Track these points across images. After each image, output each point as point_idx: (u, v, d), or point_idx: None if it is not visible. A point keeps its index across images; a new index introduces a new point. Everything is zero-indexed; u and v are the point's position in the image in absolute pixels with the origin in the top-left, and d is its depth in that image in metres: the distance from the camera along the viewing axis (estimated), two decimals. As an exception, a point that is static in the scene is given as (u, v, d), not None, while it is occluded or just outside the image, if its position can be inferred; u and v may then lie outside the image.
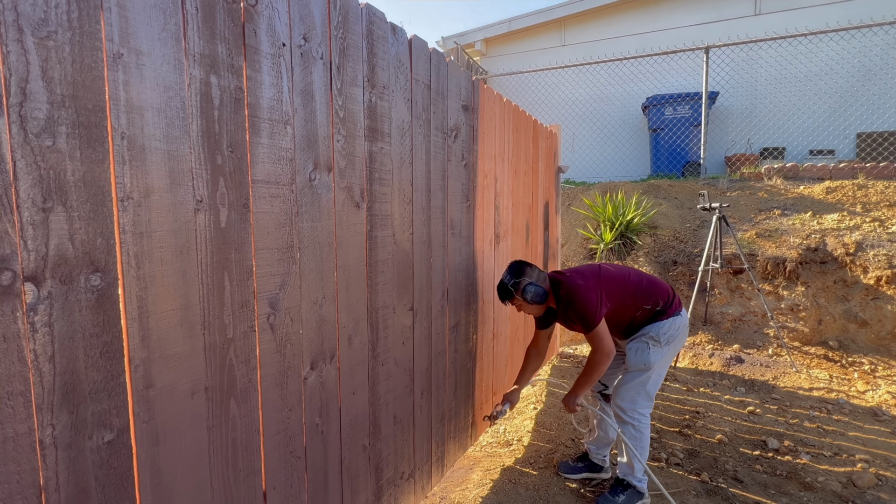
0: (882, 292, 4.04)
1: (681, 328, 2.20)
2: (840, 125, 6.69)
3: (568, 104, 8.18)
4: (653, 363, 2.13)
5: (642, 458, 2.17)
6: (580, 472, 2.43)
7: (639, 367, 2.15)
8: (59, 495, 0.85)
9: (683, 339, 2.24)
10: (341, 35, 1.44)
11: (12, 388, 0.79)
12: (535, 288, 2.14)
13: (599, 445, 2.42)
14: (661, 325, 2.16)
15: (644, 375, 2.15)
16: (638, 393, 2.16)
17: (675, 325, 2.17)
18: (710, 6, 7.50)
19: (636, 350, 2.17)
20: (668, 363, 2.21)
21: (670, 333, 2.16)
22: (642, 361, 2.14)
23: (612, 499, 2.17)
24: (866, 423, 2.93)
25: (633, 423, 2.16)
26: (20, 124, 0.78)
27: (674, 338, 2.17)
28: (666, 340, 2.15)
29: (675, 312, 2.20)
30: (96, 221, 0.88)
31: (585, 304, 2.07)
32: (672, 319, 2.17)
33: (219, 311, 1.11)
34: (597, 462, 2.43)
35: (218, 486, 1.13)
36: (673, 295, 2.24)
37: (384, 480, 1.77)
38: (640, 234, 5.20)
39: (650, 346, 2.14)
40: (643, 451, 2.18)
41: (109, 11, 0.89)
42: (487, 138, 2.49)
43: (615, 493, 2.18)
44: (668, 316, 2.18)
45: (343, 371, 1.52)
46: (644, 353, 2.14)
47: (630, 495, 2.17)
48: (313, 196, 1.37)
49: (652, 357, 2.13)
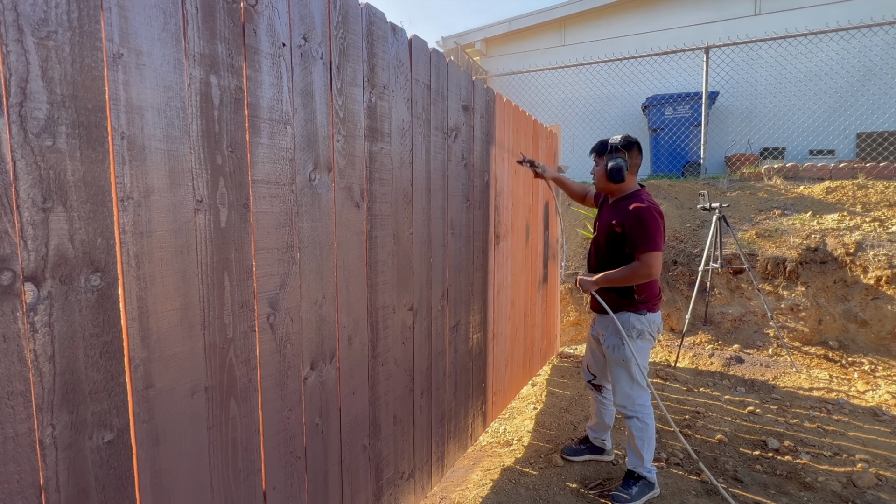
0: (882, 292, 4.04)
1: (654, 325, 2.28)
2: (840, 125, 6.69)
3: (568, 104, 8.18)
4: (630, 358, 2.24)
5: (650, 447, 2.25)
6: (583, 455, 2.56)
7: (618, 363, 2.28)
8: (59, 495, 0.85)
9: (655, 336, 2.32)
10: (341, 35, 1.44)
11: (12, 388, 0.79)
12: (622, 164, 2.21)
13: (598, 430, 2.57)
14: (639, 316, 2.25)
15: (625, 371, 2.26)
16: (629, 386, 2.26)
17: (651, 319, 2.26)
18: (710, 6, 7.50)
19: (613, 348, 2.28)
20: (645, 353, 2.31)
21: (640, 328, 2.24)
22: (620, 357, 2.26)
23: (626, 492, 2.21)
24: (866, 423, 2.93)
25: (636, 415, 2.24)
26: (20, 124, 0.78)
27: (643, 332, 2.26)
28: (638, 333, 2.25)
29: (655, 308, 2.29)
30: (96, 221, 0.88)
31: (655, 227, 2.13)
32: (652, 315, 2.27)
33: (219, 311, 1.11)
34: (597, 445, 2.57)
35: (218, 486, 1.13)
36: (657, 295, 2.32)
37: (384, 480, 1.77)
38: (640, 234, 5.19)
39: (623, 342, 2.24)
40: (650, 441, 2.26)
41: (109, 11, 0.89)
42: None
43: (628, 486, 2.24)
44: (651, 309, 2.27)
45: (343, 371, 1.52)
46: (619, 349, 2.26)
47: (642, 487, 2.23)
48: (313, 196, 1.37)
49: (627, 352, 2.24)
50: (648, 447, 2.24)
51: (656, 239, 2.12)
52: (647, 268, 2.12)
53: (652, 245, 2.11)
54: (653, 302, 2.28)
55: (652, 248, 2.11)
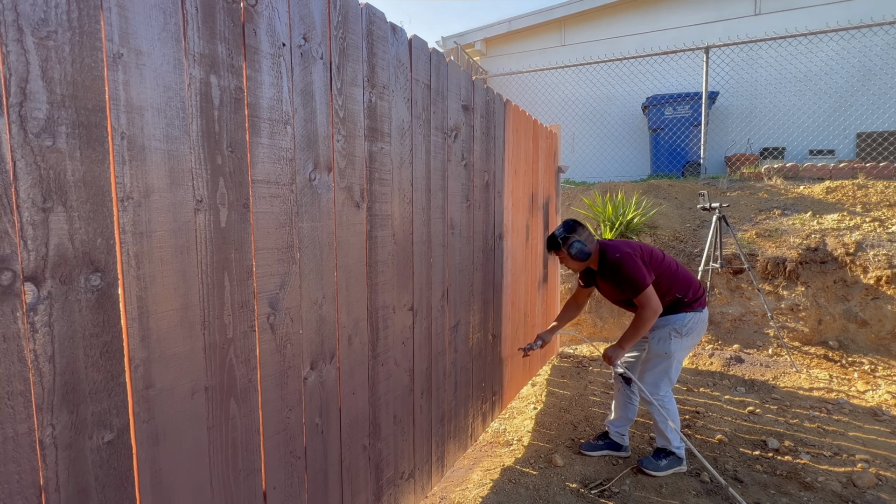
0: (882, 292, 4.04)
1: (700, 322, 2.41)
2: (840, 125, 6.69)
3: (568, 104, 8.18)
4: (673, 352, 2.36)
5: (676, 427, 2.39)
6: (601, 450, 2.62)
7: (660, 355, 2.39)
8: (60, 495, 0.85)
9: (702, 334, 2.46)
10: (341, 35, 1.44)
11: (12, 388, 0.79)
12: (580, 245, 2.40)
13: (619, 424, 2.62)
14: (685, 317, 2.38)
15: (666, 363, 2.38)
16: (661, 378, 2.40)
17: (696, 318, 2.40)
18: (710, 6, 7.50)
19: (659, 339, 2.39)
20: (686, 352, 2.43)
21: (690, 326, 2.38)
22: (664, 350, 2.37)
23: (656, 462, 2.41)
24: (866, 423, 2.93)
25: (660, 402, 2.40)
26: (20, 124, 0.78)
27: (692, 330, 2.39)
28: (686, 332, 2.37)
29: (699, 307, 2.42)
30: (96, 221, 0.88)
31: (634, 269, 2.30)
32: (695, 313, 2.40)
33: (219, 311, 1.11)
34: (616, 440, 2.62)
35: (218, 486, 1.13)
36: (701, 291, 2.47)
37: (384, 480, 1.77)
38: (640, 233, 5.19)
39: (672, 336, 2.37)
40: (675, 421, 2.40)
41: (109, 11, 0.88)
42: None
43: (658, 458, 2.42)
44: (693, 309, 2.40)
45: (343, 371, 1.52)
46: (666, 342, 2.37)
47: (671, 460, 2.41)
48: (313, 196, 1.37)
49: (673, 346, 2.36)
50: (675, 426, 2.39)
51: (640, 279, 2.29)
52: (646, 308, 2.29)
53: (640, 286, 2.29)
54: (701, 299, 2.44)
55: (641, 289, 2.29)
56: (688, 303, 2.40)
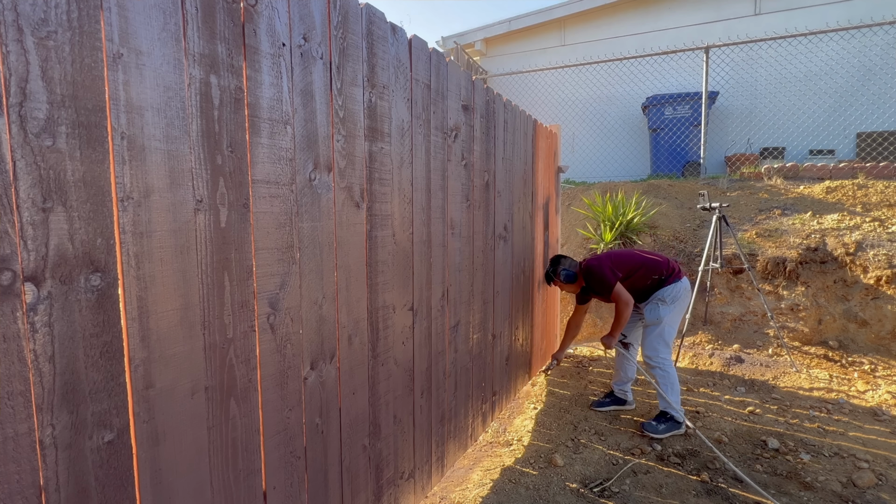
0: (882, 292, 4.04)
1: (681, 290, 2.88)
2: (840, 125, 6.69)
3: (568, 104, 8.18)
4: (663, 317, 2.82)
5: (675, 391, 2.77)
6: (608, 406, 3.10)
7: (653, 322, 2.85)
8: (60, 495, 0.85)
9: (686, 299, 2.92)
10: (341, 35, 1.44)
11: (12, 388, 0.79)
12: (565, 272, 3.06)
13: (620, 382, 3.10)
14: (665, 289, 2.87)
15: (659, 328, 2.83)
16: (657, 342, 2.83)
17: (677, 287, 2.87)
18: (710, 6, 7.50)
19: (650, 310, 2.88)
20: (677, 317, 2.87)
21: (673, 294, 2.85)
22: (655, 317, 2.85)
23: (656, 426, 2.76)
24: (866, 423, 2.93)
25: (659, 366, 2.80)
26: (20, 124, 0.78)
27: (677, 298, 2.85)
28: (671, 300, 2.84)
29: (676, 279, 2.89)
30: (96, 221, 0.88)
31: (602, 275, 2.88)
32: (674, 284, 2.88)
33: (219, 311, 1.11)
34: (620, 396, 3.10)
35: (218, 486, 1.13)
36: (672, 266, 2.92)
37: (384, 480, 1.77)
38: (639, 233, 5.19)
39: (659, 305, 2.85)
40: (674, 385, 2.79)
41: (109, 11, 0.88)
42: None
43: (658, 421, 2.78)
44: (670, 282, 2.88)
45: (343, 371, 1.52)
46: (655, 310, 2.85)
47: (670, 424, 2.76)
48: (313, 196, 1.37)
49: (662, 312, 2.83)
50: (673, 390, 2.77)
51: (607, 281, 2.86)
52: (619, 301, 2.86)
53: (609, 286, 2.86)
54: (676, 272, 2.92)
55: (611, 287, 2.86)
56: (665, 279, 2.87)
